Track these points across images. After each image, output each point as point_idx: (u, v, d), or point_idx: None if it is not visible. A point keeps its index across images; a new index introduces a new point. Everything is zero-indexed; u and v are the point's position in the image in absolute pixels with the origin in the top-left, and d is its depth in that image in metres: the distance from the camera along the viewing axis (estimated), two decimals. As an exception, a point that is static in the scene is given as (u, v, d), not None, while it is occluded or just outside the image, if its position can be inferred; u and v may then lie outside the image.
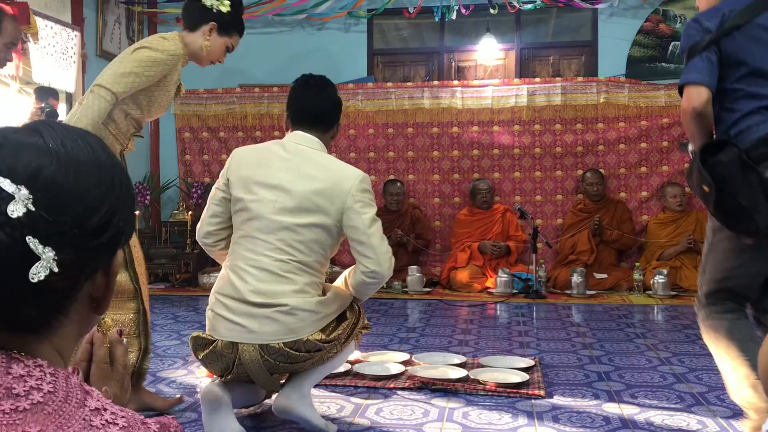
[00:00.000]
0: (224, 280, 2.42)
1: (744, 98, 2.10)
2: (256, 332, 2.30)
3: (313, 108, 2.54)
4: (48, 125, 0.76)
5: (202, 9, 2.66)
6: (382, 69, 7.13)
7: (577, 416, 2.60)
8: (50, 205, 0.70)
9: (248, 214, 2.40)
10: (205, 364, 2.44)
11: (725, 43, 2.10)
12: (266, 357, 2.29)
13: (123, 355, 0.95)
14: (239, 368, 2.34)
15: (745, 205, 1.98)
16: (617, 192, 6.38)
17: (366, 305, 5.21)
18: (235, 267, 2.40)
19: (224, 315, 2.35)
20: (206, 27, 2.68)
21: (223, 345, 2.32)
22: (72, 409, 0.69)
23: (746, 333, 2.16)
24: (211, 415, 2.32)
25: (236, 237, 2.46)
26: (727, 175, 2.00)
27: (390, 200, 6.38)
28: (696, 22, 2.17)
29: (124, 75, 2.46)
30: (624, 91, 6.31)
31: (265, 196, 2.39)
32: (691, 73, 2.11)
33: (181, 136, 6.99)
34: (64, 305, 0.74)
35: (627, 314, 4.82)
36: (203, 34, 2.68)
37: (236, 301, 2.34)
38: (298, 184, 2.39)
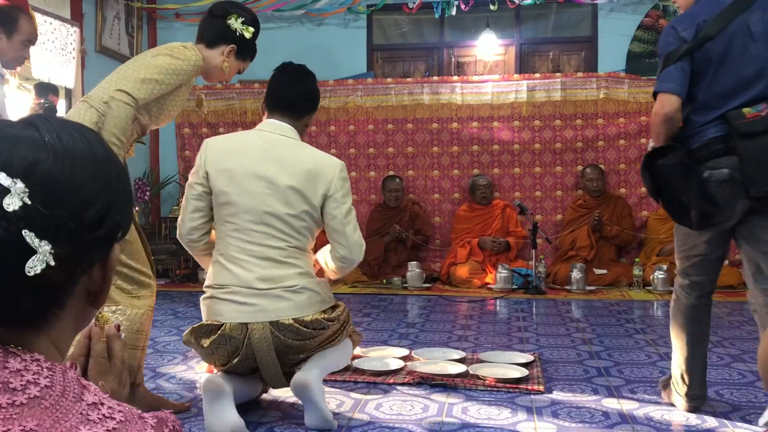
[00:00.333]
0: (222, 272, 2.44)
1: (700, 108, 2.35)
2: (267, 310, 2.37)
3: (287, 95, 2.60)
4: (44, 119, 0.75)
5: (225, 29, 2.63)
6: (382, 65, 7.12)
7: (576, 411, 2.60)
8: (46, 199, 0.70)
9: (235, 207, 2.44)
10: (209, 352, 2.44)
11: (698, 53, 2.31)
12: (276, 334, 2.36)
13: (121, 350, 0.94)
14: (248, 349, 2.37)
15: (684, 201, 2.31)
16: (617, 188, 6.38)
17: (366, 301, 5.22)
18: (232, 258, 2.43)
19: (230, 299, 2.39)
20: (226, 48, 2.65)
21: (231, 327, 2.36)
22: (69, 404, 0.68)
23: (700, 328, 2.54)
24: (213, 404, 2.32)
25: (225, 230, 2.47)
26: (670, 176, 2.32)
27: (389, 196, 6.38)
28: (673, 29, 2.36)
29: (145, 81, 2.42)
30: (624, 87, 6.31)
31: (252, 189, 2.44)
32: (667, 82, 2.33)
33: (181, 132, 6.99)
34: (60, 299, 0.74)
35: (627, 310, 4.82)
36: (222, 53, 2.65)
37: (242, 288, 2.39)
38: (283, 177, 2.45)
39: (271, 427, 2.47)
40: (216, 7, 2.69)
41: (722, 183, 2.26)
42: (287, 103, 2.59)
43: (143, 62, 2.48)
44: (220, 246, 2.49)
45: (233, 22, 2.62)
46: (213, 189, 2.48)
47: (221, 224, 2.49)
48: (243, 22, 2.63)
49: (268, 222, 2.43)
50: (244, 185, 2.44)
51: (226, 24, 2.63)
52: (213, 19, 2.67)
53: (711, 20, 2.31)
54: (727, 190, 2.25)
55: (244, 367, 2.46)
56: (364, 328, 4.23)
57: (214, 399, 2.33)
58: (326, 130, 6.77)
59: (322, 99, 6.68)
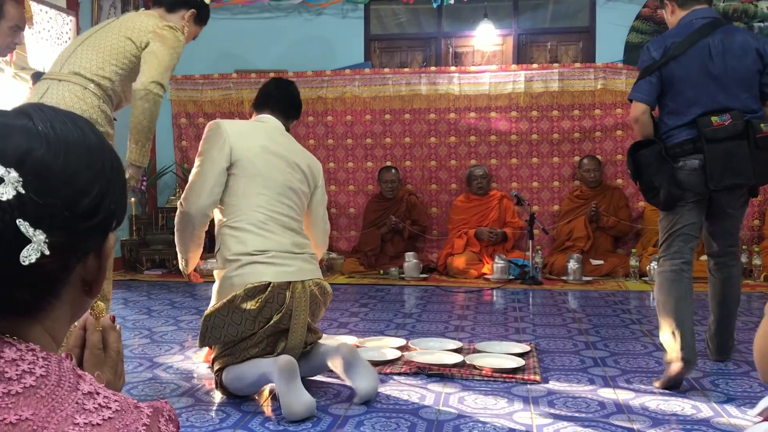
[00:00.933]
0: (255, 239, 2.61)
1: (671, 113, 2.91)
2: (304, 270, 2.65)
3: (283, 96, 2.88)
4: (37, 108, 0.75)
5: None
6: (379, 55, 7.10)
7: (572, 401, 2.61)
8: (40, 188, 0.69)
9: (264, 179, 2.67)
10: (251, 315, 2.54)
11: (664, 69, 2.87)
12: (312, 288, 2.66)
13: (116, 341, 0.94)
14: (289, 305, 2.58)
15: (656, 185, 2.89)
16: (614, 178, 6.38)
17: (363, 291, 5.23)
18: (263, 226, 2.63)
19: (273, 262, 2.59)
20: (187, 12, 2.66)
21: (278, 286, 2.57)
22: (64, 393, 0.68)
23: (682, 292, 2.85)
24: (290, 384, 2.39)
25: (252, 201, 2.64)
26: (649, 164, 2.89)
27: (385, 187, 6.38)
28: (647, 50, 2.94)
29: (168, 69, 2.51)
30: (621, 77, 6.30)
31: (276, 164, 2.71)
32: (637, 92, 2.91)
33: (177, 121, 6.97)
34: (56, 288, 0.74)
35: (623, 300, 4.84)
36: (182, 18, 2.66)
37: (281, 252, 2.63)
38: (296, 158, 2.77)
39: (268, 416, 2.48)
40: None
41: (692, 172, 2.84)
42: (283, 102, 2.87)
43: (161, 47, 2.50)
44: (243, 216, 2.63)
45: None
46: (239, 162, 2.65)
47: (245, 197, 2.65)
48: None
49: (289, 196, 2.72)
50: (269, 160, 2.69)
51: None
52: None
53: (678, 42, 2.86)
54: (696, 177, 2.84)
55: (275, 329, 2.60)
56: (361, 318, 4.24)
57: (291, 379, 2.40)
58: (323, 120, 6.75)
59: (319, 88, 6.68)
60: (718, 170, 2.80)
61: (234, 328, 2.59)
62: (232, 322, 2.58)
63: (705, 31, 2.85)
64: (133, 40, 2.53)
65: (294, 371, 2.43)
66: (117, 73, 2.53)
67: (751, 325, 3.94)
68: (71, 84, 2.48)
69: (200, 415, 2.49)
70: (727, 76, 2.83)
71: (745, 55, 2.84)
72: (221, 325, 2.59)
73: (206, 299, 4.80)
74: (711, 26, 2.86)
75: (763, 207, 6.09)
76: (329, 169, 6.70)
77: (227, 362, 2.65)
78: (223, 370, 2.65)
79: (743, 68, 2.84)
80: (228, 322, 2.58)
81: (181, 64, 7.22)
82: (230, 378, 2.61)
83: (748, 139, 2.79)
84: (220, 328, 2.60)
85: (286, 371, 2.41)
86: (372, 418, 2.44)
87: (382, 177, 6.41)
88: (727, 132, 2.78)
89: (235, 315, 2.57)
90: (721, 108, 2.81)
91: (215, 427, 2.38)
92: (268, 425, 2.38)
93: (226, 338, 2.62)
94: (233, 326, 2.59)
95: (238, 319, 2.58)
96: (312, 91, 6.71)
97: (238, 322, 2.58)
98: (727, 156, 2.79)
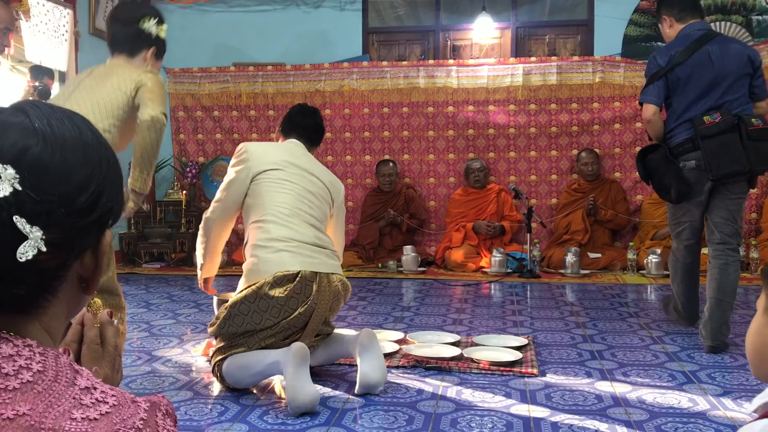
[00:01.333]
0: (279, 228, 2.71)
1: (674, 114, 3.35)
2: (328, 264, 2.73)
3: (307, 123, 3.07)
4: (34, 105, 0.75)
5: (141, 33, 2.65)
6: (378, 48, 7.08)
7: (569, 395, 2.62)
8: (37, 185, 0.69)
9: (287, 178, 2.82)
10: (280, 303, 2.59)
11: (670, 74, 3.31)
12: (336, 283, 2.73)
13: (114, 336, 0.95)
14: (315, 297, 2.64)
15: (666, 184, 3.35)
16: (612, 172, 6.38)
17: (362, 284, 5.23)
18: (285, 219, 2.74)
19: (298, 251, 2.68)
20: (147, 53, 2.68)
21: (306, 277, 2.63)
22: (62, 388, 0.69)
23: (693, 268, 3.49)
24: (298, 371, 2.41)
25: (276, 198, 2.77)
26: (657, 166, 3.37)
27: (383, 181, 6.38)
28: (654, 59, 3.39)
29: (164, 103, 2.59)
30: (620, 71, 6.29)
31: (297, 171, 2.86)
32: (647, 95, 3.36)
33: (175, 115, 6.96)
34: (53, 285, 0.74)
35: (620, 293, 4.85)
36: (144, 59, 2.68)
37: (305, 243, 2.71)
38: (316, 171, 2.93)
39: (266, 410, 2.49)
40: (121, 14, 2.68)
41: (692, 170, 3.27)
42: (309, 130, 3.06)
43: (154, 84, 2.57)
44: (267, 211, 2.75)
45: (147, 25, 2.64)
46: (262, 173, 2.81)
47: (268, 195, 2.78)
48: (156, 22, 2.66)
49: (311, 199, 2.83)
50: (292, 170, 2.85)
51: (141, 29, 2.64)
52: (124, 27, 2.66)
53: (681, 51, 3.29)
54: (695, 174, 3.27)
55: (296, 321, 2.65)
56: (360, 312, 4.25)
57: (301, 366, 2.42)
58: (321, 114, 6.72)
59: (317, 82, 6.68)
60: (716, 161, 3.18)
61: (259, 315, 2.62)
62: (257, 309, 2.61)
63: (704, 40, 3.30)
64: (123, 90, 2.55)
65: (305, 359, 2.45)
66: (114, 125, 2.56)
67: (747, 318, 3.95)
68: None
69: (199, 409, 2.50)
70: (724, 79, 3.24)
71: (739, 60, 3.27)
72: (246, 312, 2.62)
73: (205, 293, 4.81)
74: (708, 36, 3.32)
75: (760, 200, 6.09)
76: (327, 163, 6.69)
77: (234, 352, 2.66)
78: (225, 359, 2.66)
79: (737, 72, 3.26)
80: (254, 309, 2.62)
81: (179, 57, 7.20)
82: (233, 367, 2.62)
83: (740, 132, 3.15)
84: (243, 315, 2.63)
85: (298, 357, 2.43)
86: (370, 411, 2.45)
87: (379, 170, 6.41)
88: (718, 128, 3.16)
89: (261, 302, 2.61)
90: (717, 106, 3.23)
91: (214, 420, 2.39)
92: (267, 418, 2.39)
93: (248, 326, 2.64)
94: (258, 314, 2.62)
95: (265, 306, 2.61)
96: (310, 85, 6.70)
97: (264, 309, 2.61)
98: (722, 148, 3.16)
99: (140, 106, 2.55)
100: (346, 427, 2.31)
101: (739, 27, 6.23)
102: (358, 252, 6.19)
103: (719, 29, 6.24)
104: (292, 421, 2.36)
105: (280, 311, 2.62)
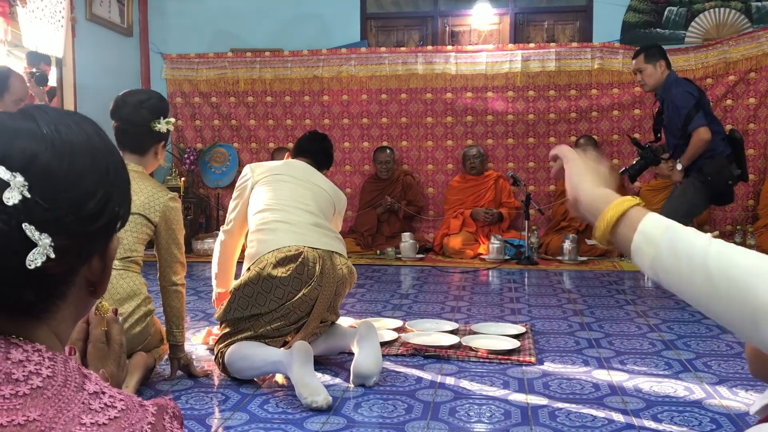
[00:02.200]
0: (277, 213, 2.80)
1: (714, 133, 4.19)
2: (328, 243, 2.78)
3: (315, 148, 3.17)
4: (41, 110, 0.75)
5: (152, 133, 2.66)
6: (376, 33, 7.05)
7: (567, 383, 2.65)
8: (46, 192, 0.70)
9: (287, 179, 2.94)
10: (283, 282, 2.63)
11: (703, 104, 4.24)
12: (343, 269, 2.78)
13: (119, 333, 0.96)
14: (319, 279, 2.68)
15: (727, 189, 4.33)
16: (610, 158, 6.38)
17: (360, 271, 5.22)
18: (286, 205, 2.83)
19: (293, 231, 2.74)
20: (158, 146, 2.73)
21: (310, 255, 2.68)
22: (71, 393, 0.70)
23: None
24: (303, 366, 2.44)
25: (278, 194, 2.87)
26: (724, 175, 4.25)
27: (380, 168, 6.38)
28: (690, 93, 4.23)
29: (182, 243, 2.70)
30: (618, 57, 6.28)
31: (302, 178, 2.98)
32: (699, 121, 4.16)
33: (173, 101, 6.93)
34: (61, 290, 0.75)
35: (617, 281, 4.87)
36: (155, 154, 2.73)
37: (302, 223, 2.78)
38: (319, 180, 3.03)
39: (267, 398, 2.51)
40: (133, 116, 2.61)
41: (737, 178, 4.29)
42: (317, 156, 3.14)
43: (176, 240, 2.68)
44: (267, 203, 2.85)
45: (159, 126, 2.65)
46: (263, 176, 2.94)
47: (268, 192, 2.88)
48: (164, 119, 2.67)
49: (309, 196, 2.91)
50: (291, 173, 2.97)
51: (154, 130, 2.65)
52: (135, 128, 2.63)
53: (695, 87, 4.32)
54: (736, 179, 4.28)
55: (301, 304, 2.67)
56: (359, 299, 4.27)
57: (306, 361, 2.45)
58: (319, 100, 6.73)
59: (315, 68, 6.66)
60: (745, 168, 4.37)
61: (263, 297, 2.64)
62: (261, 290, 2.64)
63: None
64: (147, 216, 2.60)
65: (309, 354, 2.48)
66: (142, 248, 2.65)
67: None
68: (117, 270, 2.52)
69: (199, 398, 2.52)
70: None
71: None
72: (250, 294, 2.65)
73: (204, 279, 4.83)
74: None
75: (758, 187, 6.11)
76: (325, 149, 6.68)
77: (239, 337, 2.68)
78: (229, 347, 2.68)
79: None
80: (257, 291, 2.64)
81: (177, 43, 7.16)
82: (236, 357, 2.63)
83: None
84: (248, 298, 2.65)
85: (303, 352, 2.46)
86: (369, 400, 2.47)
87: (377, 158, 6.41)
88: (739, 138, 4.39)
89: (265, 283, 2.63)
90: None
91: (215, 409, 2.41)
92: (267, 407, 2.41)
93: (252, 309, 2.66)
94: (262, 295, 2.64)
95: (268, 286, 2.63)
96: (308, 71, 6.68)
97: (268, 290, 2.64)
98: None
99: (164, 264, 2.64)
100: (345, 415, 2.33)
101: (738, 14, 6.21)
102: (356, 239, 6.20)
103: (719, 16, 6.23)
104: (293, 411, 2.38)
105: (284, 292, 2.65)
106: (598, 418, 2.30)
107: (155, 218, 2.60)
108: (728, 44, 6.06)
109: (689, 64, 6.14)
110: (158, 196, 2.62)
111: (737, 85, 6.10)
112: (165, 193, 2.64)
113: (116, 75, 6.40)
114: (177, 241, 2.65)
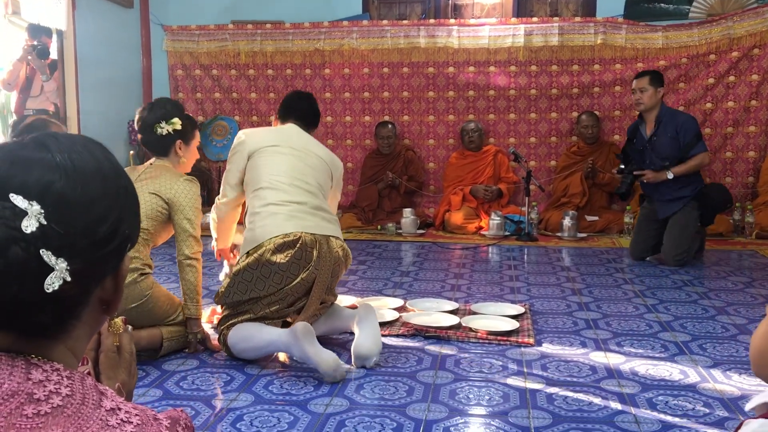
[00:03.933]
0: (274, 193, 2.81)
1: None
2: (324, 228, 2.81)
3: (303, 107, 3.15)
4: (53, 137, 0.78)
5: (162, 136, 2.91)
6: (378, 6, 7.00)
7: (564, 365, 2.70)
8: (61, 218, 0.73)
9: (284, 150, 2.93)
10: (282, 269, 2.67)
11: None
12: (338, 251, 2.81)
13: (129, 343, 0.99)
14: (316, 263, 2.72)
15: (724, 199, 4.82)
16: (611, 134, 6.39)
17: (361, 247, 5.29)
18: (281, 185, 2.83)
19: (292, 215, 2.76)
20: (175, 147, 2.95)
21: (308, 240, 2.72)
22: (89, 411, 0.73)
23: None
24: (307, 344, 2.52)
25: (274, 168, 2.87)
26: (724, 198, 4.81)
27: (381, 143, 6.38)
28: (695, 119, 4.71)
29: (198, 214, 2.91)
30: (621, 33, 6.24)
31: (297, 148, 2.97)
32: (704, 146, 4.61)
33: (174, 73, 6.91)
34: (76, 311, 0.78)
35: (616, 258, 4.91)
36: (175, 153, 2.95)
37: (299, 205, 2.80)
38: (315, 148, 3.04)
39: (271, 379, 2.56)
40: (142, 126, 2.93)
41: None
42: (304, 113, 3.13)
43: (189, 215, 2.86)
44: (264, 179, 2.86)
45: (161, 130, 2.89)
46: (258, 150, 2.92)
47: (265, 167, 2.88)
48: (167, 122, 2.89)
49: (307, 170, 2.91)
50: (288, 147, 2.96)
51: (162, 134, 2.90)
52: (147, 135, 2.94)
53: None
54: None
55: (300, 287, 2.73)
56: (360, 276, 4.31)
57: (309, 340, 2.53)
58: (321, 74, 6.70)
59: (317, 41, 6.62)
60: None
61: (262, 282, 2.70)
62: (260, 275, 2.69)
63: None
64: (159, 195, 2.82)
65: (311, 332, 2.57)
66: (153, 225, 2.84)
67: (740, 285, 4.02)
68: None
69: (205, 378, 2.58)
70: None
71: None
72: (249, 279, 2.71)
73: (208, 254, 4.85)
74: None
75: (758, 164, 6.12)
76: (326, 123, 6.69)
77: (239, 319, 2.74)
78: (231, 328, 2.73)
79: None
80: (257, 276, 2.70)
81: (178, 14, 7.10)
82: (238, 338, 2.69)
83: None
84: (247, 283, 2.71)
85: (303, 332, 2.53)
86: (371, 382, 2.52)
87: (378, 133, 6.41)
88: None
89: (264, 269, 2.68)
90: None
91: (219, 389, 2.46)
92: (272, 388, 2.47)
93: (252, 293, 2.72)
94: (261, 280, 2.70)
95: (267, 272, 2.68)
96: (309, 43, 6.64)
97: (267, 275, 2.69)
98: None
99: (178, 238, 2.85)
100: (348, 397, 2.39)
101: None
102: (357, 214, 6.23)
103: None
104: (297, 391, 2.43)
105: (283, 277, 2.69)
106: (594, 402, 2.35)
107: (167, 195, 2.81)
108: (733, 20, 6.02)
109: (693, 39, 6.11)
110: (174, 180, 2.85)
111: (740, 62, 6.07)
112: (180, 176, 2.88)
113: (117, 47, 6.38)
114: (187, 216, 2.83)
